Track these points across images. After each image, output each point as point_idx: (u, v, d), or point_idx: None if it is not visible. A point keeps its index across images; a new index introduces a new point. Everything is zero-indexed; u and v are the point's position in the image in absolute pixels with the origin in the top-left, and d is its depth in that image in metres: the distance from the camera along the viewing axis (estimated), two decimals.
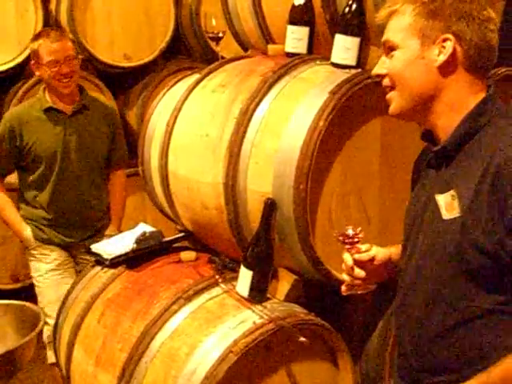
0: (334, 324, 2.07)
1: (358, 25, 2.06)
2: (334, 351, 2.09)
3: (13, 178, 3.08)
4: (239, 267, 2.10)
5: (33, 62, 2.91)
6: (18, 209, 3.02)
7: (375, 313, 2.23)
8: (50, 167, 2.91)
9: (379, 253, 1.54)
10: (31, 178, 2.94)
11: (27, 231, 2.97)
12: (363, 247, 1.52)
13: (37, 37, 2.93)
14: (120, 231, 2.97)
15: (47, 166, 2.91)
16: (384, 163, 2.13)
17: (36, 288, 3.01)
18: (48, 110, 2.91)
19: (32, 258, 3.01)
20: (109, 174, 3.15)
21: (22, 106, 3.10)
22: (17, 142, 2.88)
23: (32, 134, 2.89)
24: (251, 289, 2.02)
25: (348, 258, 1.51)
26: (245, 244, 2.11)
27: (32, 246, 2.98)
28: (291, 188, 1.92)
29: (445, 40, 1.33)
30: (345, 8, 2.07)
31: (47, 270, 2.95)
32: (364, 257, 1.51)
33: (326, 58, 2.15)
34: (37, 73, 2.92)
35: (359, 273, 1.51)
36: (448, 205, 1.32)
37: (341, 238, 1.51)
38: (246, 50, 2.68)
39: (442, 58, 1.34)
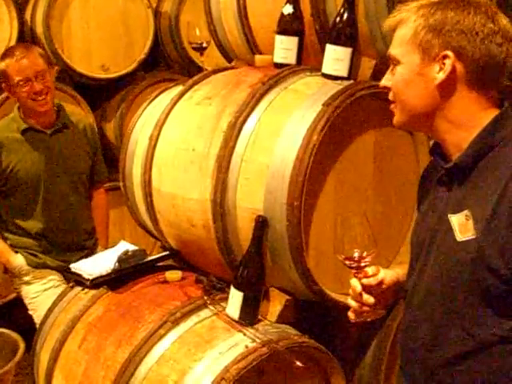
0: (326, 345, 2.00)
1: (349, 35, 2.00)
2: (327, 373, 2.02)
3: None
4: (228, 287, 2.02)
5: (4, 84, 2.75)
6: (4, 239, 2.82)
7: (369, 333, 2.17)
8: (35, 191, 2.75)
9: (387, 276, 1.46)
10: (15, 204, 2.78)
11: (19, 258, 2.78)
12: (370, 270, 1.44)
13: (3, 57, 2.75)
14: None
15: (32, 190, 2.75)
16: (378, 174, 2.07)
17: (30, 306, 2.79)
18: (26, 131, 2.75)
19: (23, 285, 2.80)
20: (91, 193, 3.02)
21: None
22: None
23: (12, 157, 2.72)
24: (242, 310, 1.94)
25: (356, 284, 1.43)
26: (234, 263, 2.02)
27: (24, 271, 2.78)
28: (284, 205, 1.84)
29: (444, 57, 1.27)
30: (336, 17, 2.01)
31: (44, 290, 2.76)
32: (372, 281, 1.43)
33: (316, 68, 2.09)
34: (10, 95, 2.78)
35: (368, 299, 1.42)
36: (462, 226, 1.25)
37: (347, 263, 1.42)
38: (230, 61, 2.59)
39: (442, 75, 1.28)
